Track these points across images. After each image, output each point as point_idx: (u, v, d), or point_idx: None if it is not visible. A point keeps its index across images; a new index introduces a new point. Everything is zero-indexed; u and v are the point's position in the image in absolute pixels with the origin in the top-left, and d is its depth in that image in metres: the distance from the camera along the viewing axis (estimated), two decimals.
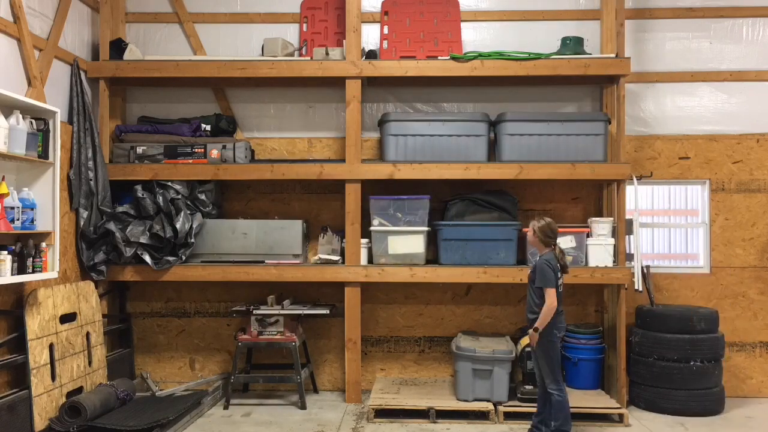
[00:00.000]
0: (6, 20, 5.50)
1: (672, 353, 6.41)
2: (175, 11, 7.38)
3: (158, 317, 7.35)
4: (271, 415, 6.35)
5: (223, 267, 6.75)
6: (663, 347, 6.45)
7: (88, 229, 6.42)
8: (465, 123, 6.78)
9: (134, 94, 7.44)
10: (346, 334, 6.77)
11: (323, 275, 6.76)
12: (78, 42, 6.73)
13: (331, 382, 7.30)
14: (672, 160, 7.20)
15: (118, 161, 6.90)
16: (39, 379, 5.34)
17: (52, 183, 5.49)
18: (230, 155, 6.84)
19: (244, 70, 6.77)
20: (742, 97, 7.19)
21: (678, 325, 6.47)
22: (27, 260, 5.20)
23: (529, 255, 6.67)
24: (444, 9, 7.09)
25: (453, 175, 6.65)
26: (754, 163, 7.16)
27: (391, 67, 6.76)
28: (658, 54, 7.24)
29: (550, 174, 6.62)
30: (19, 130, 5.09)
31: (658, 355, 6.47)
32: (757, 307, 7.13)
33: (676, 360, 6.41)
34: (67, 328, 5.83)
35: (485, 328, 7.21)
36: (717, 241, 7.17)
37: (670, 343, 6.42)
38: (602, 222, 6.71)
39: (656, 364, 6.47)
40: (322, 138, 7.39)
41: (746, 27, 7.22)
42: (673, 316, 6.52)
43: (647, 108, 7.25)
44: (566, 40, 6.91)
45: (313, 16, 7.29)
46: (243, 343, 6.66)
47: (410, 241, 6.74)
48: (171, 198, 6.71)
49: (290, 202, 7.38)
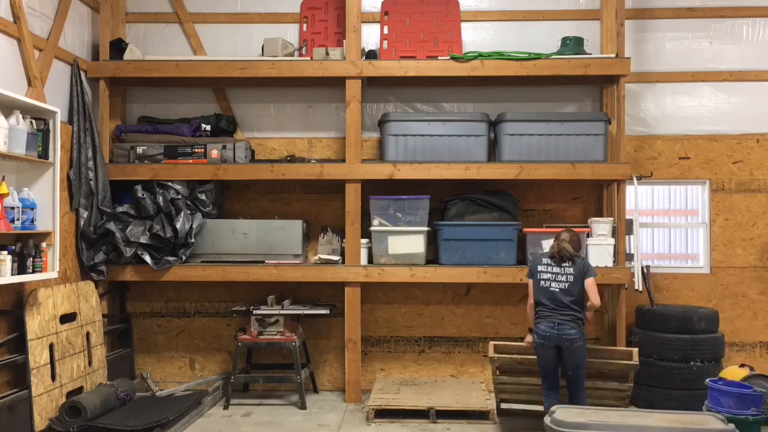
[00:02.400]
0: (6, 20, 5.50)
1: (672, 353, 6.41)
2: (175, 11, 7.38)
3: (158, 317, 7.35)
4: (271, 415, 6.35)
5: (223, 267, 6.75)
6: (663, 347, 6.45)
7: (88, 229, 6.42)
8: (465, 123, 6.78)
9: (134, 94, 7.44)
10: (346, 334, 6.76)
11: (323, 275, 6.76)
12: (78, 42, 6.73)
13: (331, 382, 7.30)
14: (672, 160, 7.20)
15: (118, 161, 6.90)
16: (39, 379, 5.34)
17: (52, 183, 5.48)
18: (230, 155, 6.84)
19: (244, 70, 6.77)
20: (742, 97, 7.19)
21: (678, 325, 6.47)
22: (27, 260, 5.20)
23: (529, 255, 6.67)
24: (444, 9, 7.09)
25: (453, 175, 6.65)
26: (754, 163, 7.16)
27: (391, 67, 6.76)
28: (658, 54, 7.24)
29: (550, 174, 6.62)
30: (19, 130, 5.09)
31: (658, 355, 6.47)
32: (757, 307, 7.13)
33: (676, 360, 6.41)
34: (67, 328, 5.83)
35: (486, 329, 7.21)
36: (717, 241, 7.17)
37: (671, 343, 6.42)
38: (602, 222, 6.71)
39: (656, 364, 6.47)
40: (322, 138, 7.39)
41: (746, 27, 7.22)
42: (673, 316, 6.52)
43: (647, 108, 7.25)
44: (566, 40, 6.91)
45: (313, 16, 7.29)
46: (243, 343, 6.66)
47: (410, 241, 6.74)
48: (171, 198, 6.71)
49: (290, 202, 7.38)
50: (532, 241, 6.69)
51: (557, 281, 5.33)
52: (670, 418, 4.69)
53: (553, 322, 5.23)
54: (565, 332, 5.17)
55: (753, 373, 5.80)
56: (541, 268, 5.40)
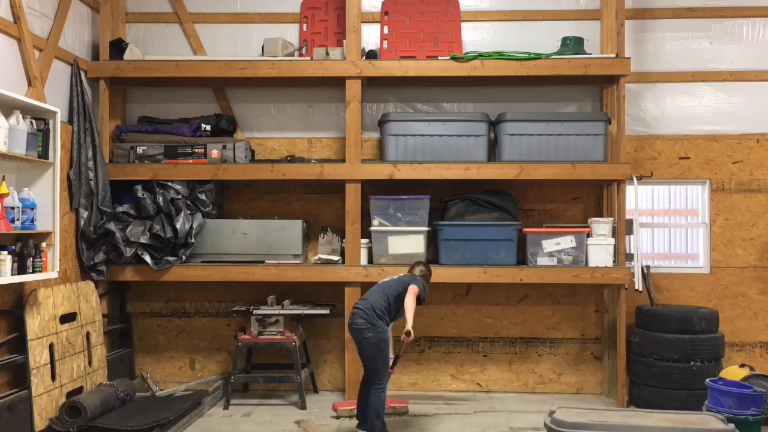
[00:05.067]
0: (6, 20, 5.49)
1: (672, 353, 6.41)
2: (175, 11, 7.37)
3: (158, 317, 7.35)
4: (271, 415, 6.35)
5: (223, 267, 6.75)
6: (663, 347, 6.45)
7: (88, 229, 6.42)
8: (465, 123, 6.78)
9: (134, 94, 7.44)
10: (346, 334, 6.76)
11: (323, 275, 6.76)
12: (78, 42, 6.73)
13: (331, 382, 7.30)
14: (672, 160, 7.20)
15: (118, 161, 6.90)
16: (39, 379, 5.34)
17: (52, 183, 5.48)
18: (230, 155, 6.84)
19: (244, 70, 6.77)
20: (742, 97, 7.19)
21: (678, 325, 6.46)
22: (27, 260, 5.20)
23: (529, 255, 6.68)
24: (444, 9, 7.09)
25: (453, 175, 6.65)
26: (754, 163, 7.16)
27: (391, 67, 6.76)
28: (658, 54, 7.24)
29: (550, 174, 6.62)
30: (19, 130, 5.09)
31: (658, 355, 6.47)
32: (757, 307, 7.13)
33: (676, 360, 6.41)
34: (67, 328, 5.83)
35: (486, 329, 7.22)
36: (717, 241, 7.17)
37: (670, 343, 6.42)
38: (602, 222, 6.71)
39: (656, 364, 6.47)
40: (322, 138, 7.39)
41: (746, 27, 7.22)
42: (673, 316, 6.52)
43: (647, 108, 7.25)
44: (566, 40, 6.91)
45: (313, 16, 7.29)
46: (243, 343, 6.66)
47: (410, 241, 6.74)
48: (171, 198, 6.71)
49: (290, 202, 7.38)
50: (532, 241, 6.69)
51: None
52: (670, 418, 4.69)
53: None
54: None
55: (753, 373, 5.80)
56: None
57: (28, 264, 5.20)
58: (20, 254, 5.14)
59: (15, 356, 5.28)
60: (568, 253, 6.66)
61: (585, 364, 7.19)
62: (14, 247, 5.09)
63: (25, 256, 5.19)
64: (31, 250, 5.26)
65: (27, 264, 5.19)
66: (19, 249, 5.14)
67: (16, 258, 5.07)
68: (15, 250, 5.08)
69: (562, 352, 7.20)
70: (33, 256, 5.25)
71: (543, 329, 7.22)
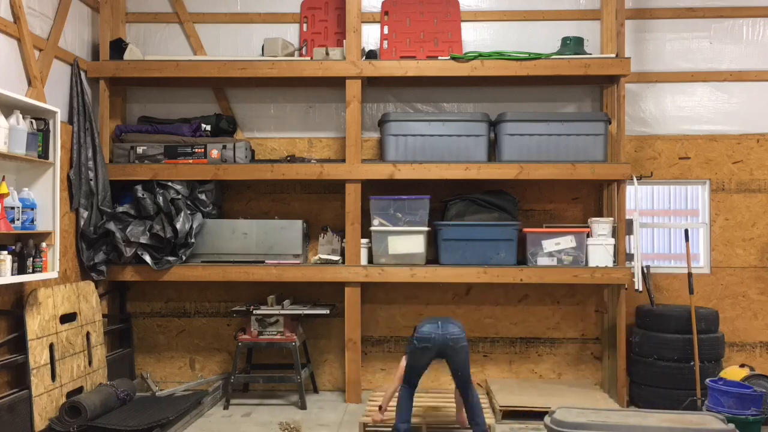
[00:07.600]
0: (6, 20, 5.50)
1: (672, 353, 6.41)
2: (175, 11, 7.38)
3: (158, 317, 7.36)
4: (271, 415, 6.35)
5: (223, 267, 6.75)
6: (663, 347, 6.45)
7: (88, 229, 6.42)
8: (465, 123, 6.78)
9: (134, 94, 7.44)
10: (346, 334, 6.77)
11: (323, 275, 6.76)
12: (78, 42, 6.73)
13: (331, 382, 7.30)
14: (672, 160, 7.20)
15: (118, 161, 6.90)
16: (39, 379, 5.34)
17: (52, 183, 5.48)
18: (230, 155, 6.84)
19: (244, 70, 6.77)
20: (742, 97, 7.19)
21: (678, 325, 6.47)
22: (27, 260, 5.20)
23: (529, 255, 6.68)
24: (444, 9, 7.09)
25: (453, 175, 6.66)
26: (754, 163, 7.16)
27: (391, 67, 6.76)
28: (658, 54, 7.24)
29: (550, 174, 6.62)
30: (19, 130, 5.09)
31: (658, 355, 6.47)
32: (757, 307, 7.13)
33: (676, 360, 6.41)
34: (67, 328, 5.83)
35: (486, 329, 7.22)
36: (717, 241, 7.17)
37: (670, 343, 6.43)
38: (602, 222, 6.72)
39: (656, 364, 6.48)
40: (322, 138, 7.39)
41: (746, 27, 7.22)
42: (673, 316, 6.52)
43: (647, 108, 7.25)
44: (566, 40, 6.91)
45: (313, 16, 7.29)
46: (243, 343, 6.66)
47: (410, 241, 6.74)
48: (171, 198, 6.71)
49: (290, 202, 7.38)
50: (532, 241, 6.69)
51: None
52: (670, 418, 4.68)
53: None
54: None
55: (753, 373, 5.81)
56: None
57: (28, 264, 5.20)
58: (20, 254, 5.14)
59: (15, 356, 5.28)
60: (568, 253, 6.66)
61: (585, 364, 7.20)
62: (14, 247, 5.09)
63: (25, 256, 5.19)
64: (31, 250, 5.26)
65: (27, 264, 5.19)
66: (19, 249, 5.14)
67: (16, 258, 5.07)
68: (15, 250, 5.08)
69: (562, 352, 7.21)
70: (33, 256, 5.25)
71: (543, 329, 7.22)
